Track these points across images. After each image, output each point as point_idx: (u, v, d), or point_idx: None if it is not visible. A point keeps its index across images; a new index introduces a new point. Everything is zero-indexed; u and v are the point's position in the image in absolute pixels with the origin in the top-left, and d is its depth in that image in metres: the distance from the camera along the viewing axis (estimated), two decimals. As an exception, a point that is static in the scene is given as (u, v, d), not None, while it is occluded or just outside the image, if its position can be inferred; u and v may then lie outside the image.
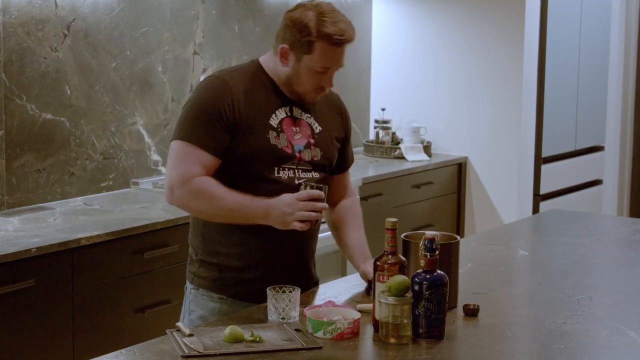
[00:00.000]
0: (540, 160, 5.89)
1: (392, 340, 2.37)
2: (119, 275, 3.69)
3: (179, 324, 2.42)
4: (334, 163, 2.84)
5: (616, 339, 2.47)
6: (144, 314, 3.77)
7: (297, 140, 2.72)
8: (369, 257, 2.83)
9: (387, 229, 2.45)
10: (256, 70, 2.73)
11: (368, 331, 2.45)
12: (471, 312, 2.61)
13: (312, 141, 2.74)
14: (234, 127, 2.64)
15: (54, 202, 4.12)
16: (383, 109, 5.77)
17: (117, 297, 3.69)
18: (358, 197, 2.94)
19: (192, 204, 2.66)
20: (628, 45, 6.91)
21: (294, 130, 2.72)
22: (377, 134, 5.72)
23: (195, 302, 2.77)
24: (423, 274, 2.41)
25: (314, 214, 2.57)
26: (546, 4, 5.74)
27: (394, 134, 5.72)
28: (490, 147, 5.67)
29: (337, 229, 2.93)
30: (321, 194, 2.60)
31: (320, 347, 2.33)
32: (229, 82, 2.67)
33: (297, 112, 2.75)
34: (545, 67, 5.81)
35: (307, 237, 2.78)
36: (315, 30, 2.60)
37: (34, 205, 4.04)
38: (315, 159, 2.75)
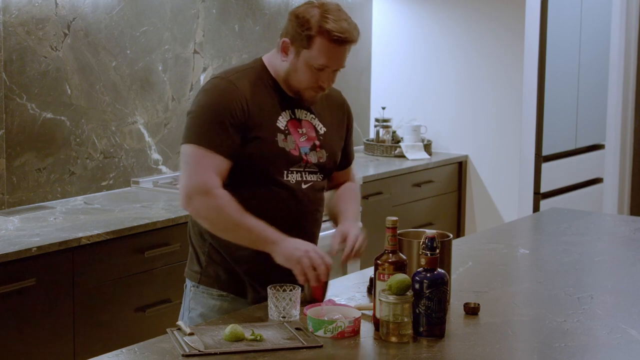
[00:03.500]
0: (540, 158, 5.89)
1: (393, 339, 2.37)
2: (119, 274, 3.69)
3: (179, 322, 2.42)
4: (337, 163, 2.84)
5: (617, 338, 2.47)
6: (145, 313, 3.77)
7: (303, 142, 2.71)
8: (349, 218, 2.80)
9: (388, 228, 2.46)
10: (260, 70, 2.71)
11: (369, 330, 2.46)
12: (472, 311, 2.61)
13: (317, 143, 2.73)
14: (243, 129, 2.61)
15: (54, 202, 4.12)
16: (383, 108, 5.77)
17: (117, 296, 3.69)
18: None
19: (210, 216, 2.61)
20: (628, 44, 6.91)
21: (300, 132, 2.71)
22: (378, 132, 5.72)
23: (195, 299, 2.76)
24: (424, 273, 2.41)
25: (313, 272, 2.55)
26: (547, 1, 5.74)
27: (394, 132, 5.72)
28: (491, 146, 5.67)
29: (328, 205, 2.91)
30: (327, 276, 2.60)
31: (321, 346, 2.33)
32: (235, 83, 2.64)
33: (300, 113, 2.73)
34: (545, 65, 5.81)
35: (315, 239, 2.79)
36: (316, 25, 2.59)
37: (35, 205, 4.04)
38: (321, 160, 2.74)
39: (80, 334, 3.55)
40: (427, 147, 5.64)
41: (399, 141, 5.68)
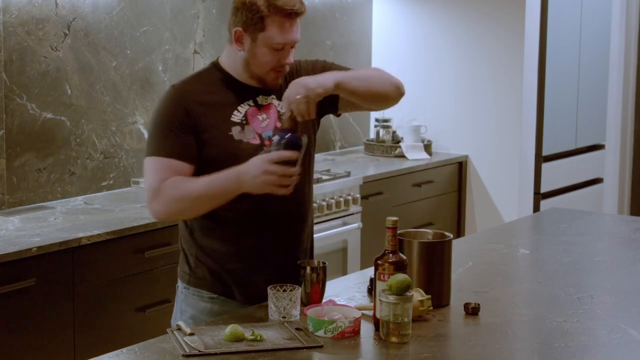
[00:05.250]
0: (540, 158, 5.89)
1: (393, 339, 2.37)
2: (119, 274, 3.69)
3: (179, 322, 2.42)
4: (313, 136, 2.76)
5: (617, 338, 2.47)
6: (145, 313, 3.77)
7: (265, 127, 2.68)
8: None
9: (388, 228, 2.46)
10: (212, 71, 2.72)
11: (369, 330, 2.46)
12: (472, 311, 2.61)
13: (279, 124, 2.68)
14: (194, 131, 2.62)
15: (54, 202, 4.12)
16: (383, 108, 5.77)
17: (117, 296, 3.69)
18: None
19: (172, 209, 2.62)
20: (628, 44, 6.91)
21: (260, 118, 2.68)
22: (378, 132, 5.72)
23: (186, 301, 2.77)
24: (285, 132, 2.48)
25: (286, 179, 2.48)
26: (547, 1, 5.74)
27: (394, 132, 5.72)
28: (491, 146, 5.67)
29: None
30: (294, 154, 2.47)
31: (321, 346, 2.33)
32: (183, 90, 2.67)
33: (262, 99, 2.70)
34: (545, 65, 5.81)
35: (301, 236, 2.75)
36: (265, 6, 2.58)
37: (35, 205, 4.04)
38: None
39: (81, 334, 3.55)
40: (427, 147, 5.64)
41: (399, 141, 5.68)
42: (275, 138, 2.50)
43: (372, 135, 5.88)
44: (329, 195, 4.72)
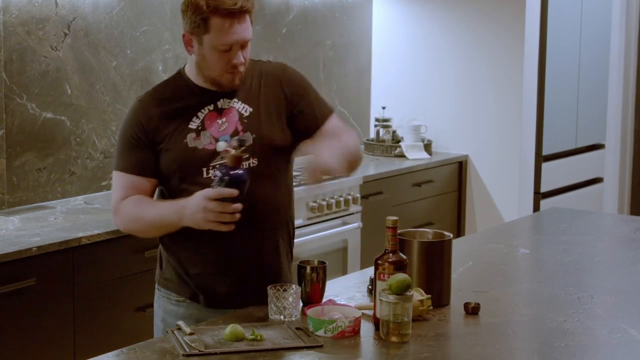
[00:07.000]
0: (541, 158, 5.89)
1: (393, 339, 2.37)
2: (119, 274, 3.69)
3: (179, 322, 2.42)
4: (282, 141, 2.68)
5: (617, 337, 2.47)
6: (145, 313, 3.76)
7: (223, 131, 2.63)
8: (333, 153, 2.56)
9: (388, 228, 2.46)
10: (175, 79, 2.70)
11: (369, 330, 2.46)
12: (472, 311, 2.61)
13: (240, 127, 2.63)
14: (152, 146, 2.63)
15: (54, 201, 4.12)
16: (383, 108, 5.77)
17: (117, 295, 3.69)
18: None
19: (128, 227, 2.69)
20: (628, 44, 6.91)
21: (220, 122, 2.64)
22: (378, 132, 5.72)
23: (157, 302, 2.77)
24: (227, 169, 2.46)
25: (226, 216, 2.46)
26: (547, 1, 5.74)
27: (394, 132, 5.72)
28: (491, 146, 5.67)
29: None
30: (233, 192, 2.44)
31: (321, 346, 2.33)
32: (143, 103, 2.68)
33: (223, 103, 2.65)
34: (545, 65, 5.81)
35: (268, 242, 2.71)
36: (205, 6, 2.51)
37: (35, 205, 4.04)
38: (246, 144, 2.60)
39: (81, 333, 3.55)
40: (428, 147, 5.64)
41: (399, 141, 5.68)
42: (218, 175, 2.47)
43: (372, 135, 5.88)
44: (329, 195, 4.72)
